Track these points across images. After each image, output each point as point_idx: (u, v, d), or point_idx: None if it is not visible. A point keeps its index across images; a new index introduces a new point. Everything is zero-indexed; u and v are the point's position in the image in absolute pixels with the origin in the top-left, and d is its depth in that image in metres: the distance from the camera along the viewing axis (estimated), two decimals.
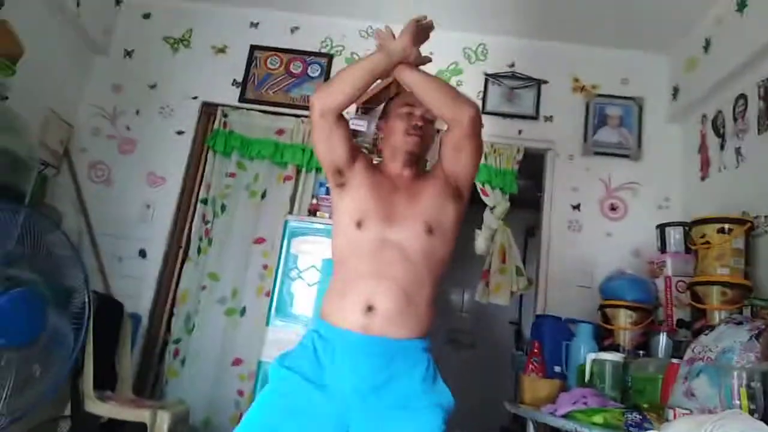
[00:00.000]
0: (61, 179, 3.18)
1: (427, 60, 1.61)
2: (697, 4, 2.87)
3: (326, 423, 1.37)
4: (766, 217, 2.35)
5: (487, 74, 3.38)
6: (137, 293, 3.04)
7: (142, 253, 3.14)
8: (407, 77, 1.59)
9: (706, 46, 2.90)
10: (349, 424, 1.37)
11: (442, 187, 1.62)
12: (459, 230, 1.62)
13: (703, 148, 2.95)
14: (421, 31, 1.56)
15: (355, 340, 1.42)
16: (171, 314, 3.11)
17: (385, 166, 1.71)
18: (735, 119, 2.65)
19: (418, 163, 1.70)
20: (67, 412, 2.33)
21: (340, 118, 1.58)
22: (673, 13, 2.98)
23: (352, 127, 3.14)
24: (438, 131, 1.73)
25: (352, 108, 3.19)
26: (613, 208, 3.18)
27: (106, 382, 2.46)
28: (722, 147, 2.75)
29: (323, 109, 1.53)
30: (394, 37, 1.58)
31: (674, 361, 1.98)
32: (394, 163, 1.68)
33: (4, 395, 1.58)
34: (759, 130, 2.45)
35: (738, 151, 2.60)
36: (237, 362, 2.99)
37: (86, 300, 1.86)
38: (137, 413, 2.21)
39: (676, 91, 3.20)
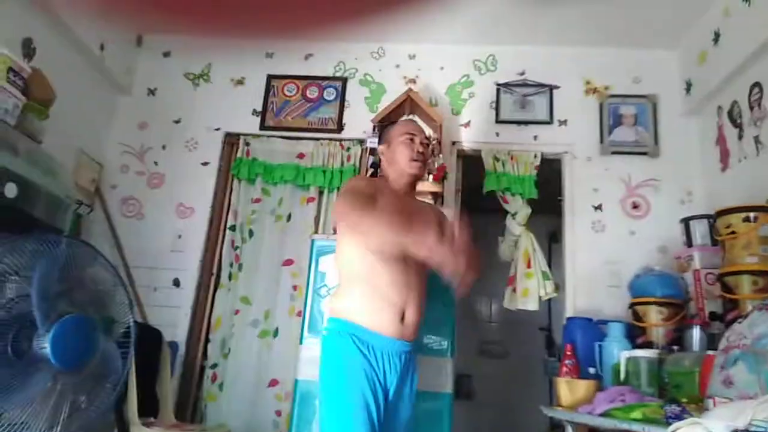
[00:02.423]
0: (94, 216, 3.30)
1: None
2: None
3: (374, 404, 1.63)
4: None
5: (498, 84, 3.44)
6: (173, 321, 3.13)
7: (176, 282, 3.24)
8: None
9: (716, 38, 2.92)
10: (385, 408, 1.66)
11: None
12: None
13: (721, 140, 2.95)
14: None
15: (394, 344, 1.69)
16: (207, 340, 3.18)
17: (391, 185, 1.95)
18: (751, 108, 2.66)
19: (416, 184, 2.01)
20: None
21: (370, 210, 1.80)
22: (680, 8, 3.01)
23: (369, 145, 3.23)
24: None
25: (369, 127, 3.28)
26: (635, 206, 3.18)
27: (148, 408, 2.53)
28: (740, 137, 2.75)
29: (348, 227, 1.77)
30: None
31: (710, 353, 1.98)
32: (399, 185, 1.94)
33: (60, 419, 1.65)
34: None
35: (757, 139, 2.60)
36: (273, 383, 3.05)
37: (129, 325, 1.93)
38: None
39: (689, 86, 3.22)
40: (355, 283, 1.74)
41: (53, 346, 1.64)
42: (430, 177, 3.05)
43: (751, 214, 2.33)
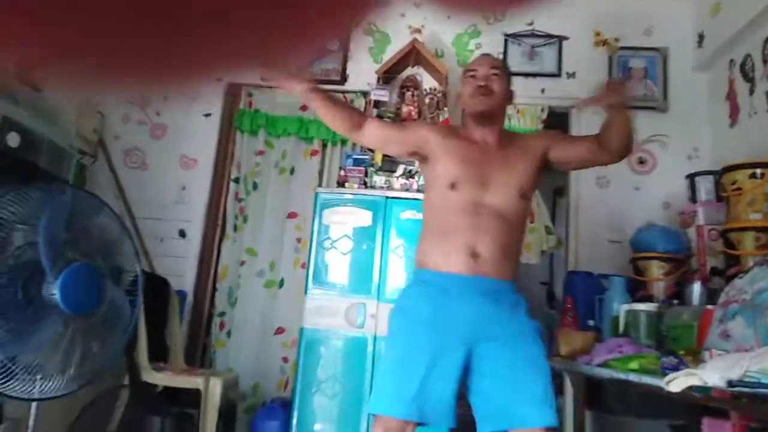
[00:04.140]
0: (98, 167, 3.30)
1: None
2: None
3: (448, 351, 1.56)
4: None
5: (506, 35, 3.36)
6: (180, 271, 3.17)
7: (182, 233, 3.27)
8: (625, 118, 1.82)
9: None
10: (472, 350, 1.58)
11: (537, 158, 1.78)
12: None
13: (731, 95, 2.90)
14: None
15: (467, 280, 1.61)
16: (214, 289, 3.24)
17: (469, 132, 1.82)
18: (765, 61, 2.60)
19: (493, 121, 1.79)
20: (126, 382, 2.48)
21: (368, 125, 1.79)
22: None
23: (373, 97, 3.19)
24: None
25: (374, 78, 3.23)
26: (641, 162, 3.16)
27: (158, 354, 2.60)
28: (751, 92, 2.70)
29: (345, 135, 1.84)
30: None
31: (709, 307, 2.00)
32: (472, 128, 1.80)
33: (74, 361, 1.71)
34: None
35: None
36: (280, 331, 3.13)
37: (137, 274, 1.97)
38: (191, 380, 2.34)
39: (701, 38, 3.14)
40: (426, 232, 1.76)
41: (62, 293, 1.67)
42: None
43: (758, 171, 2.31)
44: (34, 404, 1.91)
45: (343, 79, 3.38)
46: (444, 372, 1.55)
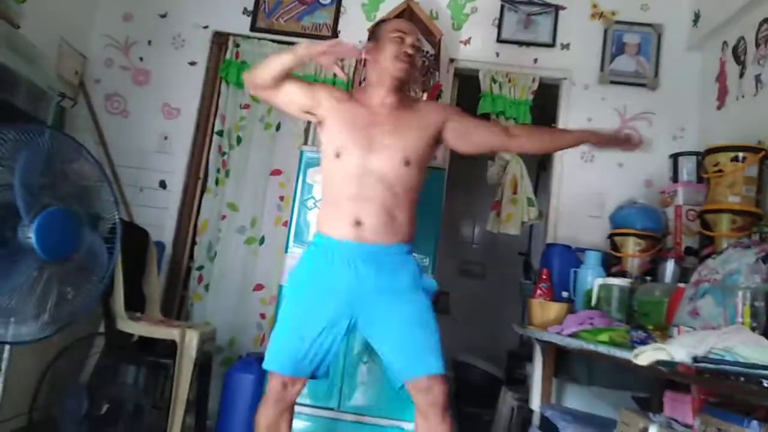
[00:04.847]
0: (78, 111, 3.20)
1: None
2: None
3: (335, 315, 1.70)
4: None
5: (503, 0, 3.29)
6: (160, 223, 3.13)
7: (162, 184, 3.21)
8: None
9: None
10: (356, 313, 1.72)
11: (430, 131, 1.83)
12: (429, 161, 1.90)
13: (721, 77, 2.90)
14: (333, 54, 1.73)
15: (349, 246, 1.72)
16: (193, 243, 3.21)
17: (366, 93, 1.85)
18: (757, 45, 2.59)
19: (402, 89, 1.85)
20: (101, 330, 2.48)
21: (277, 83, 1.77)
22: None
23: (363, 56, 3.11)
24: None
25: (365, 36, 3.15)
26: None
27: (135, 304, 2.59)
28: (741, 74, 2.70)
29: (253, 89, 1.83)
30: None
31: (681, 285, 2.05)
32: (379, 89, 1.82)
33: (49, 306, 1.70)
34: None
35: (758, 78, 2.56)
36: (258, 288, 3.13)
37: (115, 222, 1.94)
38: (167, 331, 2.34)
39: (697, 18, 3.12)
40: (323, 200, 1.88)
41: (38, 236, 1.65)
42: (425, 95, 2.98)
43: (740, 154, 2.34)
44: (7, 348, 1.90)
45: (335, 34, 3.30)
46: (331, 335, 1.71)
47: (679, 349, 1.37)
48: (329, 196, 1.83)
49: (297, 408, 1.85)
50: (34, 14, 2.63)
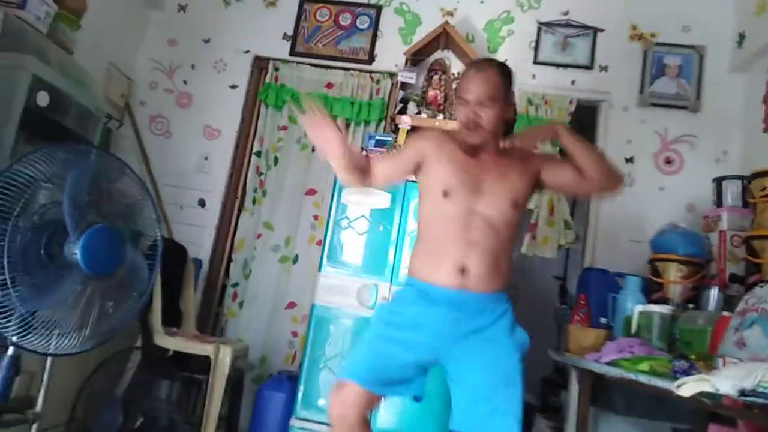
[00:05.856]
0: (123, 131, 3.33)
1: None
2: None
3: (421, 351, 1.66)
4: None
5: (540, 23, 3.29)
6: (198, 240, 3.21)
7: (201, 203, 3.30)
8: (570, 145, 1.78)
9: None
10: (442, 356, 1.67)
11: (531, 175, 1.79)
12: None
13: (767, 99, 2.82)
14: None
15: (452, 295, 1.65)
16: (229, 260, 3.28)
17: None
18: None
19: (486, 146, 1.77)
20: (138, 344, 2.54)
21: (375, 168, 1.80)
22: None
23: (400, 79, 3.15)
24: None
25: (402, 60, 3.20)
26: (668, 162, 3.10)
27: (171, 320, 2.65)
28: None
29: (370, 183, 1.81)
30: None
31: (725, 314, 1.97)
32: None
33: (90, 320, 1.75)
34: None
35: None
36: (291, 306, 3.16)
37: (156, 239, 1.99)
38: (202, 347, 2.38)
39: (741, 38, 3.04)
40: (420, 240, 1.79)
41: (83, 253, 1.70)
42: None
43: None
44: (49, 359, 1.96)
45: (371, 58, 3.36)
46: (414, 371, 1.66)
47: (724, 381, 1.31)
48: (430, 237, 1.74)
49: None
50: (87, 40, 2.76)
